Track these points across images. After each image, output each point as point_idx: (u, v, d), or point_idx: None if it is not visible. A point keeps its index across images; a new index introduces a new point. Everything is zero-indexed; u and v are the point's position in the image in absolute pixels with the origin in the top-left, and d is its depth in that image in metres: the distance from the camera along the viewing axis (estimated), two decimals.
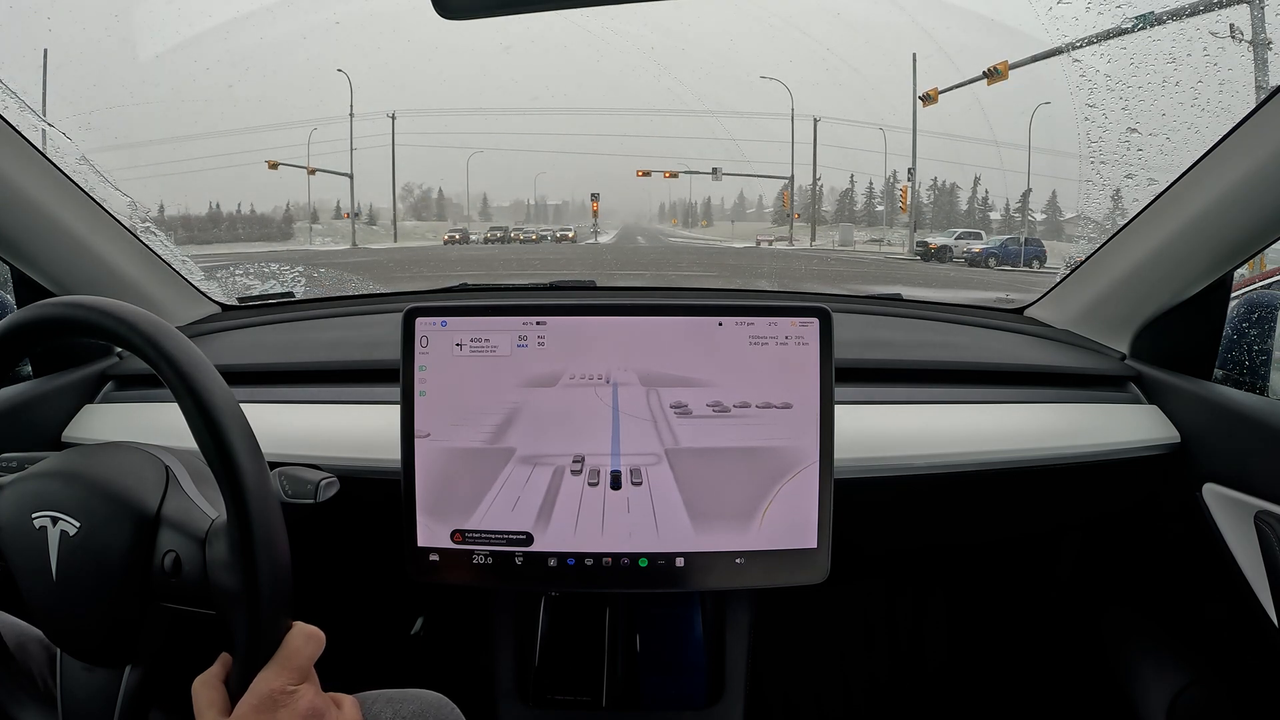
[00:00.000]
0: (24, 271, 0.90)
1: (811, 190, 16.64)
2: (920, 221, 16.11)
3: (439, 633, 1.19)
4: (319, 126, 13.73)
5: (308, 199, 15.65)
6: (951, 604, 1.29)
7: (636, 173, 15.54)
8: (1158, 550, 1.02)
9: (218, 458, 0.46)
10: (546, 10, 0.66)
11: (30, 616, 0.55)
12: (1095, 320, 1.04)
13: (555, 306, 0.73)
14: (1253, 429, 0.79)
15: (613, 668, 0.89)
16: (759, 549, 0.73)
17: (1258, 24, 0.98)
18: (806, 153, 15.57)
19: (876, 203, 17.50)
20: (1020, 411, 0.91)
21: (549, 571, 0.73)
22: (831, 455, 0.73)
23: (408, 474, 0.73)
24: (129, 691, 0.53)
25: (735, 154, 18.84)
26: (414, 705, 0.68)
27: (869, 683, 1.29)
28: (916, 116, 13.39)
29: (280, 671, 0.46)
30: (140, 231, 1.01)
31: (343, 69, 13.07)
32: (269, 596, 0.47)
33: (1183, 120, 0.90)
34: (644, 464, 0.73)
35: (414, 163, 17.56)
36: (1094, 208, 1.06)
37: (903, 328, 1.10)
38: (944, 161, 16.39)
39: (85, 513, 0.50)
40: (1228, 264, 0.84)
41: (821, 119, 15.37)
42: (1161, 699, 0.96)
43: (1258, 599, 0.79)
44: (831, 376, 0.73)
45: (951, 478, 0.85)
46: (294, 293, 1.29)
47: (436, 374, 0.73)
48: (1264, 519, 0.77)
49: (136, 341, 0.48)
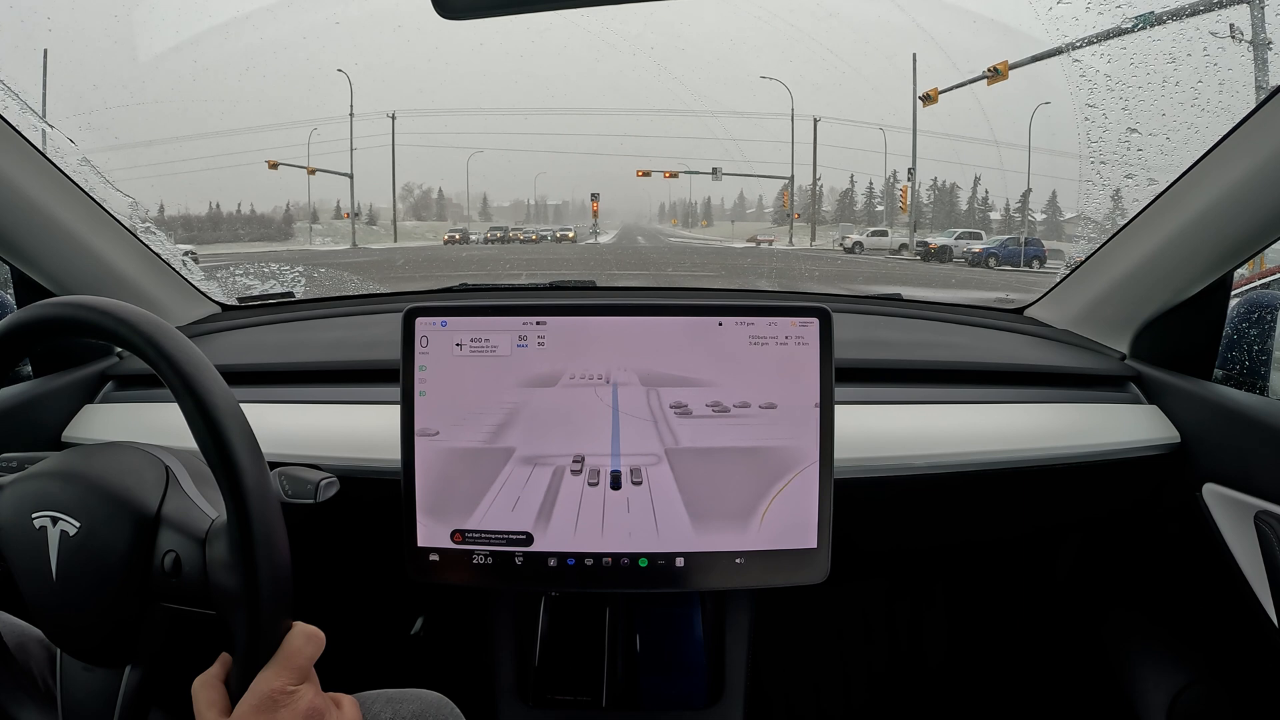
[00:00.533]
0: (24, 271, 0.90)
1: (811, 190, 16.65)
2: (920, 221, 16.10)
3: (439, 633, 1.19)
4: (319, 126, 13.74)
5: (308, 199, 15.66)
6: (951, 604, 1.29)
7: (636, 173, 15.53)
8: (1158, 550, 1.02)
9: (218, 458, 0.46)
10: (546, 10, 0.66)
11: (30, 616, 0.54)
12: (1095, 320, 1.04)
13: (555, 306, 0.73)
14: (1253, 429, 0.79)
15: (613, 668, 0.89)
16: (759, 549, 0.73)
17: (1258, 24, 0.98)
18: (806, 153, 15.58)
19: (876, 203, 17.50)
20: (1020, 411, 0.91)
21: (549, 571, 0.73)
22: (831, 455, 0.73)
23: (408, 474, 0.73)
24: (129, 691, 0.53)
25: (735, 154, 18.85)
26: (414, 705, 0.68)
27: (869, 683, 1.29)
28: (916, 116, 13.38)
29: (280, 672, 0.46)
30: (140, 231, 1.01)
31: (343, 69, 13.04)
32: (269, 596, 0.47)
33: (1183, 120, 0.90)
34: (644, 464, 0.73)
35: (414, 163, 17.56)
36: (1094, 208, 1.05)
37: (903, 328, 1.10)
38: (944, 161, 16.39)
39: (85, 513, 0.50)
40: (1228, 264, 0.84)
41: (821, 119, 15.37)
42: (1161, 699, 0.96)
43: (1258, 599, 0.79)
44: (831, 376, 0.73)
45: (951, 478, 0.85)
46: (294, 293, 1.29)
47: (436, 374, 0.73)
48: (1264, 519, 0.77)
49: (136, 341, 0.48)
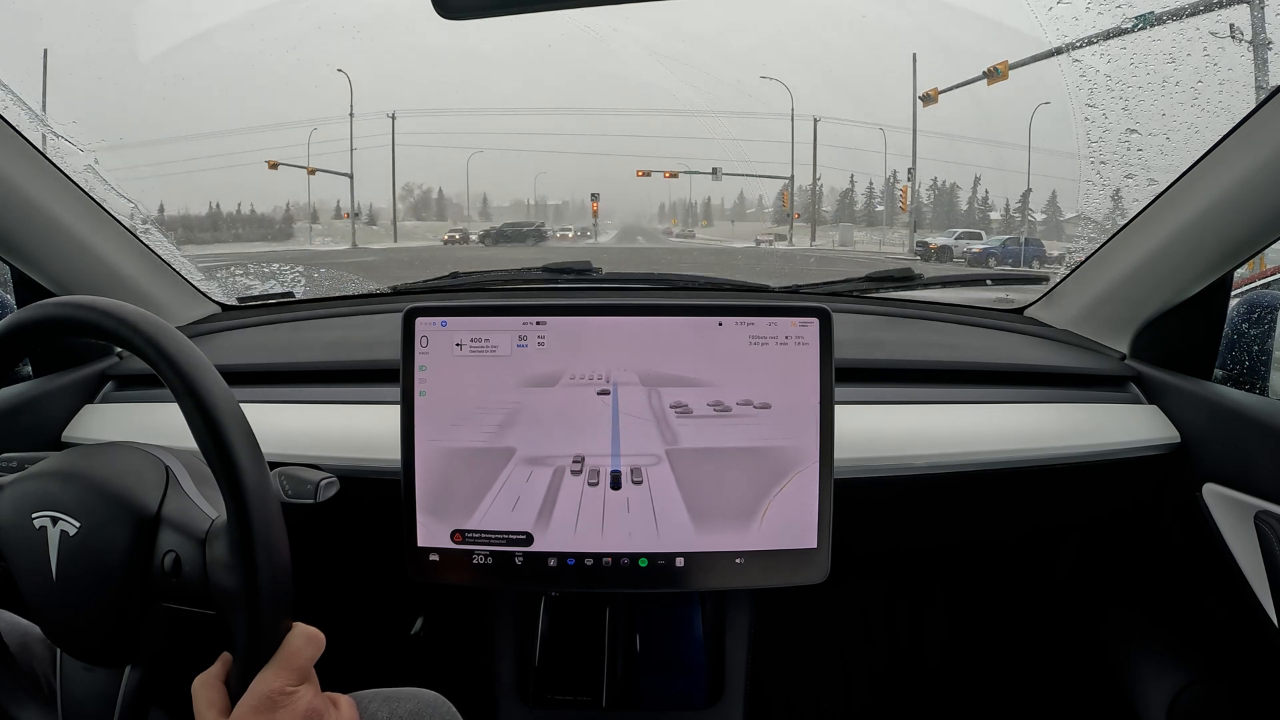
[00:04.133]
0: (24, 271, 0.90)
1: (812, 190, 16.63)
2: (920, 221, 16.09)
3: (439, 633, 1.19)
4: (319, 126, 13.71)
5: (308, 199, 15.63)
6: (951, 604, 1.29)
7: (636, 173, 15.49)
8: (1158, 550, 1.02)
9: (218, 458, 0.46)
10: (546, 10, 0.66)
11: (30, 616, 0.55)
12: (1095, 320, 1.04)
13: (555, 306, 0.73)
14: (1253, 429, 0.79)
15: (613, 668, 0.89)
16: (759, 549, 0.73)
17: (1258, 24, 0.98)
18: (806, 153, 15.54)
19: (876, 203, 17.48)
20: (1020, 411, 0.91)
21: (549, 571, 0.73)
22: (831, 455, 0.73)
23: (408, 474, 0.73)
24: (129, 691, 0.53)
25: (735, 154, 18.81)
26: (410, 704, 0.68)
27: (869, 683, 1.29)
28: (916, 116, 13.36)
29: (279, 672, 0.46)
30: (140, 232, 1.01)
31: (343, 69, 13.01)
32: (269, 597, 0.47)
33: (1183, 120, 0.90)
34: (644, 464, 0.73)
35: (414, 163, 17.53)
36: (1094, 208, 1.05)
37: (903, 328, 1.10)
38: (944, 161, 16.35)
39: (85, 513, 0.50)
40: (1228, 264, 0.84)
41: (821, 119, 15.33)
42: (1161, 699, 0.96)
43: (1258, 599, 0.79)
44: (831, 376, 0.73)
45: (951, 478, 0.85)
46: (294, 293, 1.28)
47: (436, 374, 0.73)
48: (1264, 519, 0.77)
49: (136, 341, 0.48)
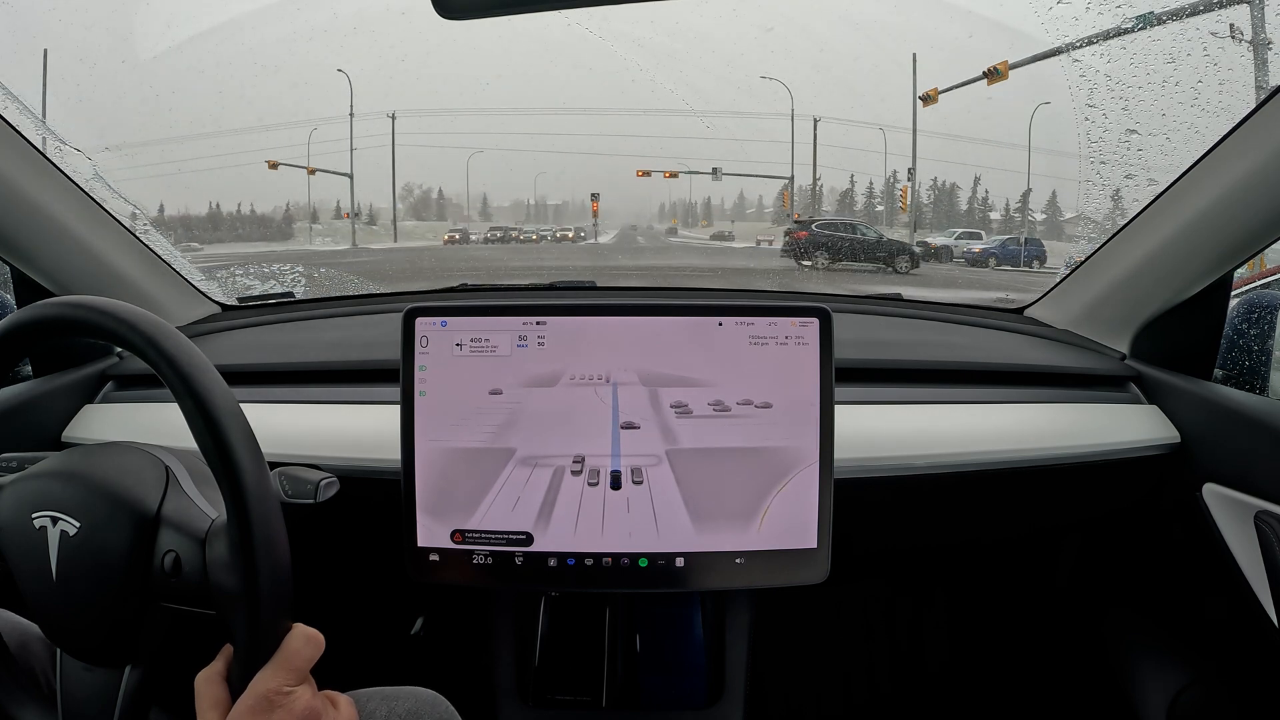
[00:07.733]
0: (24, 271, 0.90)
1: (812, 190, 16.62)
2: (920, 221, 16.06)
3: (439, 632, 1.19)
4: (319, 126, 13.68)
5: (308, 199, 15.61)
6: (951, 604, 1.29)
7: (636, 173, 15.46)
8: (1158, 550, 1.02)
9: (218, 458, 0.46)
10: (546, 10, 0.66)
11: (30, 616, 0.55)
12: (1095, 320, 1.04)
13: (555, 306, 0.73)
14: (1253, 429, 0.79)
15: (613, 668, 0.89)
16: (759, 549, 0.73)
17: (1258, 24, 0.98)
18: (806, 153, 15.51)
19: (877, 203, 17.47)
20: (1020, 411, 0.91)
21: (549, 571, 0.73)
22: (831, 455, 0.73)
23: (408, 474, 0.73)
24: (129, 691, 0.53)
25: (735, 154, 18.76)
26: (409, 703, 0.68)
27: (869, 683, 1.29)
28: (916, 116, 13.34)
29: (278, 672, 0.46)
30: (140, 232, 1.01)
31: (343, 69, 12.98)
32: (269, 597, 0.47)
33: (1183, 120, 0.90)
34: (644, 464, 0.73)
35: (414, 163, 17.49)
36: (1094, 208, 1.05)
37: (903, 328, 1.10)
38: (944, 161, 16.33)
39: (85, 513, 0.50)
40: (1228, 264, 0.84)
41: (821, 119, 15.31)
42: (1161, 699, 0.96)
43: (1258, 599, 0.79)
44: (831, 376, 0.73)
45: (951, 478, 0.85)
46: (294, 293, 1.29)
47: (436, 374, 0.73)
48: (1264, 519, 0.77)
49: (136, 341, 0.48)
